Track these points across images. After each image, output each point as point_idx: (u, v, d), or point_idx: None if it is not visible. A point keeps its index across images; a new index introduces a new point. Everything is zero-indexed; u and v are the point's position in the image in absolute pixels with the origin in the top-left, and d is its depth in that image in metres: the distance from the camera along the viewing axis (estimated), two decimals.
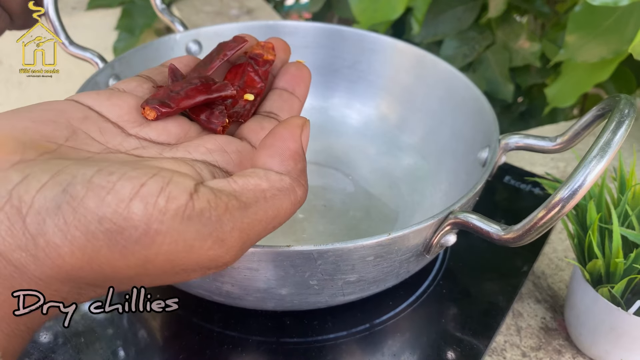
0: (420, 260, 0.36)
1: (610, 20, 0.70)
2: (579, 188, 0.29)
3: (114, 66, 0.47)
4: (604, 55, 0.70)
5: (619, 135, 0.29)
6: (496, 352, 0.43)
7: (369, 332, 0.39)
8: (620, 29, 0.70)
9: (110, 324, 0.39)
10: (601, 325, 0.42)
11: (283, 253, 0.31)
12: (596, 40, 0.71)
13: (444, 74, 0.49)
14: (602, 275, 0.42)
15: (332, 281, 0.33)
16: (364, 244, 0.32)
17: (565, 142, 0.38)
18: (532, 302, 0.49)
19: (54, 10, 0.46)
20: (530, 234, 0.30)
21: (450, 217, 0.34)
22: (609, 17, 0.70)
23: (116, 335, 0.38)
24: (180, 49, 0.53)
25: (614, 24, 0.70)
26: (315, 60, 0.57)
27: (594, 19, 0.70)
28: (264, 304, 0.35)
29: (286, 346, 0.38)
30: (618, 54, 0.70)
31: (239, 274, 0.32)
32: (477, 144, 0.43)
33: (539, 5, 0.97)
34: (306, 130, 0.25)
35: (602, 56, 0.71)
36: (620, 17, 0.69)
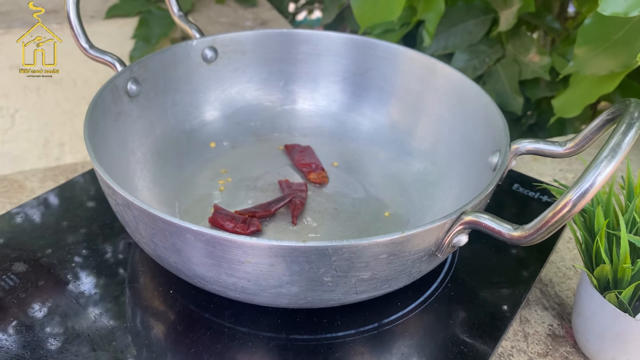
0: (432, 260, 0.37)
1: (620, 33, 0.71)
2: (590, 188, 0.29)
3: (132, 70, 0.48)
4: (612, 68, 0.71)
5: (629, 137, 0.30)
6: (503, 357, 0.44)
7: (377, 331, 0.40)
8: (630, 42, 0.71)
9: (122, 317, 0.39)
10: (608, 331, 0.42)
11: (299, 249, 0.32)
12: (605, 54, 0.72)
13: (454, 82, 0.50)
14: (609, 281, 0.42)
15: (345, 278, 0.34)
16: (378, 241, 0.32)
17: (575, 147, 0.39)
18: (540, 309, 0.49)
19: (75, 14, 0.47)
20: (540, 232, 0.31)
21: (463, 217, 0.34)
22: (619, 30, 0.71)
23: (130, 329, 0.39)
24: (196, 54, 0.54)
25: (624, 37, 0.71)
26: (328, 68, 0.58)
27: (603, 33, 0.71)
28: (278, 300, 0.36)
29: (296, 343, 0.38)
30: (627, 67, 0.70)
31: (255, 270, 0.33)
32: (487, 149, 0.44)
33: (549, 21, 0.98)
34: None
35: (610, 69, 0.71)
36: (629, 31, 0.70)
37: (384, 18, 0.67)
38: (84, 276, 0.43)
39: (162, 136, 0.52)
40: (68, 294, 0.41)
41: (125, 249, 0.46)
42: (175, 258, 0.35)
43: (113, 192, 0.35)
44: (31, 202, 0.51)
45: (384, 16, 0.67)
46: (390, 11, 0.66)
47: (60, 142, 1.18)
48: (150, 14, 1.07)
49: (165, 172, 0.51)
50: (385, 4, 0.66)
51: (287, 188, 0.51)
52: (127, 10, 1.08)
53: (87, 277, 0.43)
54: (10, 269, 0.43)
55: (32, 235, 0.47)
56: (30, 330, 0.38)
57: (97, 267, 0.44)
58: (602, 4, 0.53)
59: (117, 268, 0.44)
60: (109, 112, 0.45)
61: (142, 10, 1.08)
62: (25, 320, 0.39)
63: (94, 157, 0.37)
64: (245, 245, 0.32)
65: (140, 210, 0.33)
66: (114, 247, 0.46)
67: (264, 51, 0.56)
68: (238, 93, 0.57)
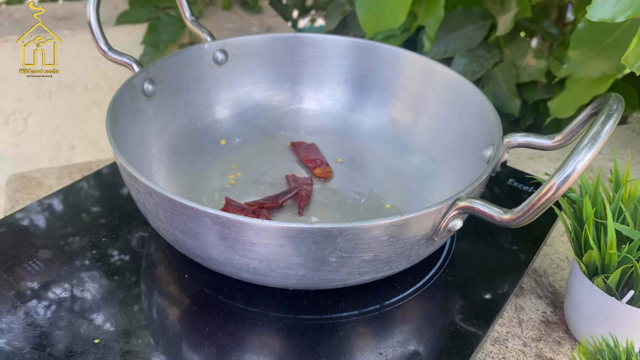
0: (430, 244, 0.40)
1: (611, 38, 0.74)
2: (572, 173, 0.32)
3: (148, 70, 0.51)
4: (605, 70, 0.74)
5: (607, 127, 0.33)
6: (499, 342, 0.46)
7: (379, 312, 0.43)
8: (620, 46, 0.73)
9: (141, 299, 0.42)
10: (597, 315, 0.44)
11: (307, 230, 0.34)
12: (597, 57, 0.75)
13: (451, 81, 0.53)
14: (597, 267, 0.45)
15: (349, 259, 0.37)
16: (379, 224, 0.35)
17: (562, 139, 0.42)
18: (534, 297, 0.52)
19: (96, 19, 0.50)
20: (528, 214, 0.34)
21: (457, 203, 0.37)
22: (610, 35, 0.74)
23: (149, 310, 0.42)
24: (208, 57, 0.57)
25: (615, 41, 0.74)
26: (332, 70, 0.61)
27: (595, 37, 0.74)
28: (287, 281, 0.39)
29: (303, 322, 0.41)
30: (618, 69, 0.73)
31: (266, 250, 0.36)
32: (481, 143, 0.47)
33: (546, 27, 1.01)
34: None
35: (603, 71, 0.74)
36: (620, 35, 0.73)
37: (388, 26, 0.70)
38: (104, 261, 0.46)
39: (176, 134, 0.55)
40: (89, 281, 0.44)
41: (142, 238, 0.49)
42: (193, 242, 0.38)
43: (135, 180, 0.38)
44: (53, 195, 0.54)
45: (388, 24, 0.70)
46: (394, 19, 0.69)
47: (71, 145, 1.21)
48: (159, 21, 1.11)
49: (179, 167, 0.54)
50: (389, 13, 0.69)
51: (294, 182, 0.54)
52: (137, 17, 1.11)
53: (106, 263, 0.46)
54: (36, 255, 0.46)
55: (54, 226, 0.50)
56: (57, 310, 0.41)
57: (116, 255, 0.47)
58: (590, 11, 0.56)
59: (134, 255, 0.47)
60: (128, 110, 0.49)
61: (151, 17, 1.11)
62: (52, 301, 0.42)
63: (117, 149, 0.40)
64: (257, 227, 0.35)
65: (161, 196, 0.36)
66: (131, 237, 0.49)
67: (272, 54, 0.60)
68: (247, 93, 0.60)
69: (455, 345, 0.41)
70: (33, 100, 1.12)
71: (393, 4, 0.70)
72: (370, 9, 0.71)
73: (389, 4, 0.70)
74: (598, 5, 0.56)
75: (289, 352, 0.39)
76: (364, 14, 0.71)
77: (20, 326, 0.40)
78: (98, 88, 1.16)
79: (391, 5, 0.70)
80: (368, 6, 0.71)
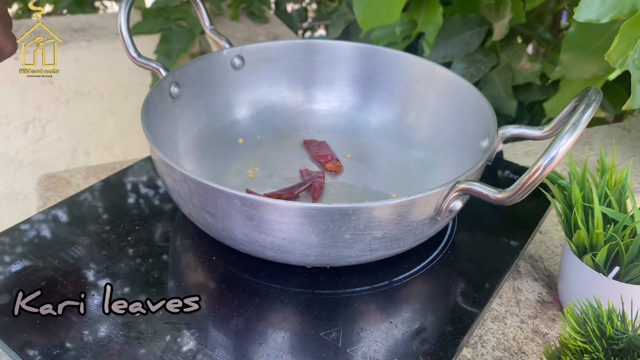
0: (433, 223, 0.45)
1: (601, 40, 0.79)
2: (556, 155, 0.37)
3: (174, 74, 0.57)
4: (595, 72, 0.79)
5: (586, 115, 0.38)
6: (498, 319, 0.51)
7: (388, 287, 0.47)
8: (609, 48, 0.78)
9: (176, 279, 0.47)
10: (587, 291, 0.49)
11: (325, 209, 0.39)
12: (588, 59, 0.79)
13: (450, 81, 0.58)
14: (586, 246, 0.49)
15: (362, 236, 0.42)
16: (389, 203, 0.40)
17: (551, 130, 0.47)
18: (530, 280, 0.56)
19: (126, 29, 0.55)
20: (519, 192, 0.39)
21: (457, 185, 0.42)
22: (599, 38, 0.79)
23: (183, 288, 0.46)
24: (226, 62, 0.63)
25: (604, 43, 0.79)
26: (340, 73, 0.66)
27: (585, 40, 0.79)
28: (306, 258, 0.43)
29: (320, 296, 0.46)
30: (608, 70, 0.78)
31: (289, 229, 0.41)
32: (478, 135, 0.52)
33: (541, 32, 1.07)
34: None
35: (593, 73, 0.79)
36: (609, 38, 0.78)
37: (384, 21, 0.75)
38: (138, 246, 0.51)
39: (198, 133, 0.60)
40: (127, 262, 0.49)
41: (171, 227, 0.54)
42: (223, 223, 0.43)
43: (172, 170, 0.43)
44: (88, 189, 0.59)
45: (384, 19, 0.75)
46: (389, 15, 0.74)
47: (87, 151, 1.26)
48: (171, 31, 1.16)
49: (203, 163, 0.59)
50: (385, 9, 0.74)
51: (307, 175, 0.58)
52: (150, 28, 1.17)
53: (140, 247, 0.51)
54: (76, 241, 0.51)
55: (92, 216, 0.55)
56: (97, 296, 0.46)
57: (149, 241, 0.51)
58: (577, 12, 0.60)
59: (165, 241, 0.52)
60: (157, 111, 0.54)
61: (163, 27, 1.16)
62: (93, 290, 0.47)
63: (154, 144, 0.45)
64: (281, 207, 0.40)
65: (196, 182, 0.41)
66: (162, 225, 0.54)
67: (285, 59, 0.65)
68: (263, 95, 0.65)
69: (457, 316, 0.46)
70: (51, 108, 1.17)
71: (388, 1, 0.74)
72: (367, 6, 0.76)
73: (385, 2, 0.75)
74: (584, 7, 0.61)
75: (308, 322, 0.44)
76: (361, 11, 0.76)
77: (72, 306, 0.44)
78: (113, 96, 1.21)
79: (387, 2, 0.74)
80: (365, 4, 0.75)
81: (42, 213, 0.55)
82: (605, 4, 0.60)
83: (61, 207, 0.56)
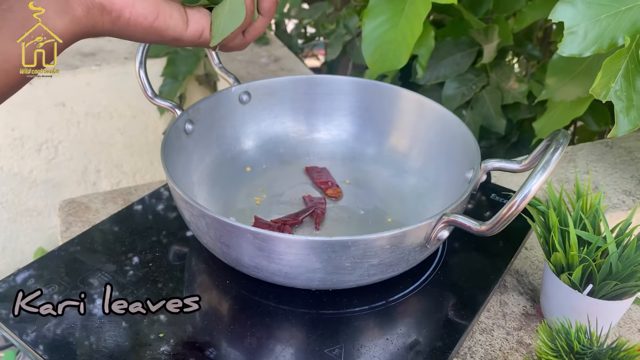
0: (424, 250, 0.50)
1: (583, 65, 0.84)
2: (529, 193, 0.43)
3: (188, 113, 0.62)
4: (579, 94, 0.84)
5: (555, 156, 0.43)
6: (485, 332, 0.56)
7: (385, 307, 0.53)
8: (592, 72, 0.83)
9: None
10: (565, 306, 0.54)
11: (327, 242, 0.45)
12: (572, 83, 0.85)
13: (439, 114, 0.64)
14: (563, 266, 0.54)
15: (360, 264, 0.47)
16: (383, 236, 0.45)
17: (528, 164, 0.52)
18: (516, 294, 0.61)
19: (144, 73, 0.60)
20: (498, 225, 0.44)
21: (444, 217, 0.47)
22: (582, 63, 0.84)
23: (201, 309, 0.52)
24: (235, 98, 0.68)
25: (586, 68, 0.84)
26: (339, 104, 0.72)
27: (569, 65, 0.84)
28: (311, 282, 0.49)
29: (324, 316, 0.51)
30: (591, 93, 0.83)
31: (295, 258, 0.46)
32: (465, 166, 0.57)
33: (530, 49, 1.12)
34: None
35: (577, 95, 0.84)
36: (591, 64, 0.83)
37: (393, 67, 0.81)
38: (159, 272, 0.56)
39: (209, 164, 0.66)
40: (150, 286, 0.54)
41: (186, 253, 0.59)
42: (237, 253, 0.48)
43: (190, 206, 0.48)
44: (106, 220, 0.64)
45: (392, 65, 0.81)
46: (397, 61, 0.80)
47: (97, 169, 1.32)
48: (177, 54, 1.22)
49: (214, 191, 0.64)
50: (393, 55, 0.80)
51: (310, 201, 0.64)
52: (157, 52, 1.22)
53: (161, 272, 0.56)
54: (103, 268, 0.56)
55: (115, 244, 0.60)
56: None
57: (168, 266, 0.57)
58: (561, 47, 0.65)
59: (182, 267, 0.57)
60: (174, 147, 0.59)
61: (169, 51, 1.22)
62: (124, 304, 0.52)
63: (174, 184, 0.50)
64: (289, 241, 0.45)
65: (213, 218, 0.47)
66: (179, 251, 0.59)
67: (288, 93, 0.70)
68: (267, 126, 0.71)
69: (447, 332, 0.51)
70: (63, 129, 1.23)
71: (396, 47, 0.80)
72: (375, 50, 0.81)
73: (392, 47, 0.80)
74: (567, 43, 0.66)
75: (314, 340, 0.49)
76: (370, 55, 0.82)
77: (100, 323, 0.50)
78: (122, 117, 1.27)
79: (394, 48, 0.80)
80: (373, 48, 0.81)
81: (68, 243, 0.60)
82: (586, 39, 0.65)
83: (87, 235, 0.61)
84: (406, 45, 0.79)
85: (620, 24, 0.62)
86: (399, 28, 0.81)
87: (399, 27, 0.81)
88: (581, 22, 0.63)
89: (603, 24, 0.63)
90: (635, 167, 0.85)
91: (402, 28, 0.80)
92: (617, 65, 0.65)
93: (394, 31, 0.81)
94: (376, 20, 0.82)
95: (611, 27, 0.63)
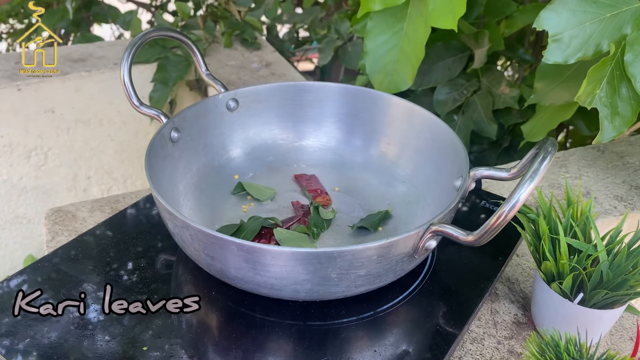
0: (411, 260, 0.49)
1: (571, 70, 0.84)
2: (517, 203, 0.42)
3: (174, 121, 0.61)
4: (567, 98, 0.84)
5: (544, 165, 0.43)
6: (476, 341, 0.56)
7: (373, 317, 0.52)
8: (579, 77, 0.83)
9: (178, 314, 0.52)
10: (556, 315, 0.53)
11: (312, 253, 0.44)
12: (560, 87, 0.85)
13: (429, 121, 0.63)
14: (554, 275, 0.54)
15: (347, 274, 0.46)
16: (370, 246, 0.45)
17: (517, 172, 0.52)
18: (507, 302, 0.61)
19: (129, 80, 0.60)
20: (485, 236, 0.44)
21: (431, 227, 0.47)
22: (569, 69, 0.84)
23: (185, 321, 0.51)
24: (222, 105, 0.67)
25: (574, 73, 0.84)
26: (328, 111, 0.71)
27: (557, 70, 0.85)
28: (297, 294, 0.48)
29: (311, 328, 0.51)
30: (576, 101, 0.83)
31: (281, 270, 0.45)
32: (454, 174, 0.57)
33: (521, 54, 1.12)
34: None
35: (565, 99, 0.84)
36: (578, 69, 0.83)
37: (398, 88, 0.81)
38: (144, 283, 0.55)
39: (197, 172, 0.65)
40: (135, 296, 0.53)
41: (172, 263, 0.58)
42: (222, 265, 0.47)
43: (174, 217, 0.48)
44: (94, 228, 0.63)
45: (398, 87, 0.81)
46: (403, 83, 0.80)
47: (87, 175, 1.31)
48: (167, 60, 1.21)
49: (201, 200, 0.63)
50: (398, 77, 0.81)
51: (300, 208, 0.63)
52: (147, 57, 1.21)
53: (145, 283, 0.55)
54: (87, 279, 0.55)
55: (101, 254, 0.59)
56: (110, 321, 0.50)
57: (153, 276, 0.56)
58: (546, 55, 0.65)
59: (168, 277, 0.56)
60: (159, 156, 0.58)
61: (160, 57, 1.21)
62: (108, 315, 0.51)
63: (158, 194, 0.49)
64: (274, 252, 0.44)
65: (197, 230, 0.46)
66: (165, 262, 0.58)
67: (276, 100, 0.70)
68: (255, 134, 0.70)
69: (436, 342, 0.51)
70: (53, 136, 1.21)
71: (400, 67, 0.81)
72: (380, 71, 0.82)
73: (396, 68, 0.81)
74: (552, 50, 0.66)
75: (301, 352, 0.49)
76: (375, 75, 0.83)
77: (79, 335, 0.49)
78: (112, 123, 1.26)
79: (398, 69, 0.81)
80: (378, 69, 0.82)
81: (53, 253, 0.59)
82: (571, 46, 0.65)
83: (71, 246, 0.60)
84: (411, 67, 0.80)
85: (605, 30, 0.62)
86: (401, 48, 0.82)
87: (400, 48, 0.82)
88: (565, 30, 0.63)
89: (587, 31, 0.63)
90: (626, 172, 0.85)
91: (405, 49, 0.81)
92: (602, 73, 0.65)
93: (395, 51, 0.82)
94: (377, 40, 0.83)
95: (596, 34, 0.63)
